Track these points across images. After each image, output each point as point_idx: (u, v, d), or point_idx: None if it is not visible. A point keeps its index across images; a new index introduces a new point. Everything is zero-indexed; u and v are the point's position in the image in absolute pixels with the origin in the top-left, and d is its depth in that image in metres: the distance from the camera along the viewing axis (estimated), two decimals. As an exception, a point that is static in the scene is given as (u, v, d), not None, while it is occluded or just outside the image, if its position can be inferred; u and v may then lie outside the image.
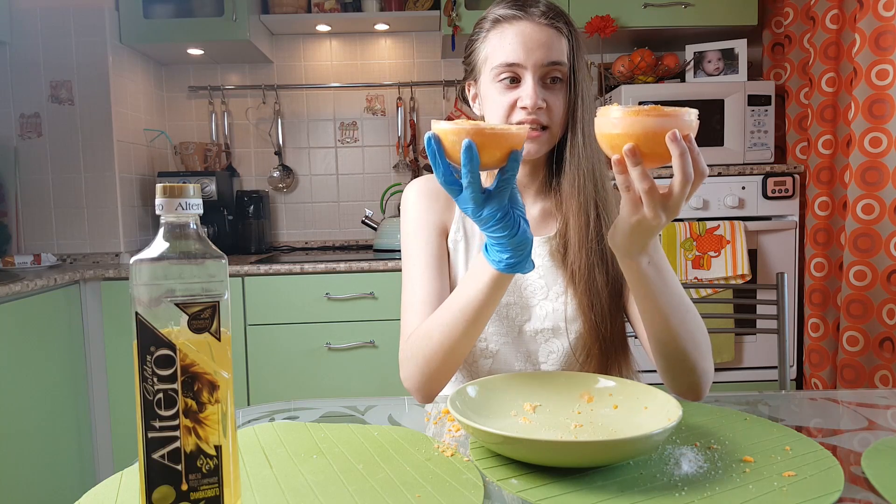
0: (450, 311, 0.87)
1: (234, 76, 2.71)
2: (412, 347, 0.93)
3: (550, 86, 0.94)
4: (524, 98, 0.92)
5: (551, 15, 0.93)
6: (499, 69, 0.94)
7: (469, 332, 0.87)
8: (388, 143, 2.75)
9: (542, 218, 1.05)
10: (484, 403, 0.78)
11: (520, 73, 0.93)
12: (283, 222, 2.77)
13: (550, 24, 0.93)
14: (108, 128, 2.28)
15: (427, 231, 1.03)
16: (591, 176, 0.95)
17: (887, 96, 1.86)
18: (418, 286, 1.00)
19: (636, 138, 0.65)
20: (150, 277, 0.50)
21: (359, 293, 2.13)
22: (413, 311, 0.99)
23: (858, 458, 0.67)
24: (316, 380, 2.14)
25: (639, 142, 0.65)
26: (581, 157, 0.95)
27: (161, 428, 0.51)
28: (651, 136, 0.65)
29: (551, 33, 0.93)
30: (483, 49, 0.97)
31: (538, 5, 0.94)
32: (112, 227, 2.31)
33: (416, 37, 2.72)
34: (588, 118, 0.95)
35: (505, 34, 0.93)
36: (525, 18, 0.93)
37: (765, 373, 2.21)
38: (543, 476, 0.64)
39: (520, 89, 0.94)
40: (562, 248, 0.98)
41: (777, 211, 2.22)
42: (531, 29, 0.92)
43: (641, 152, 0.65)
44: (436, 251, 1.02)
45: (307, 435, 0.75)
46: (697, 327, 0.85)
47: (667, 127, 0.64)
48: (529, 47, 0.92)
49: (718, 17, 2.36)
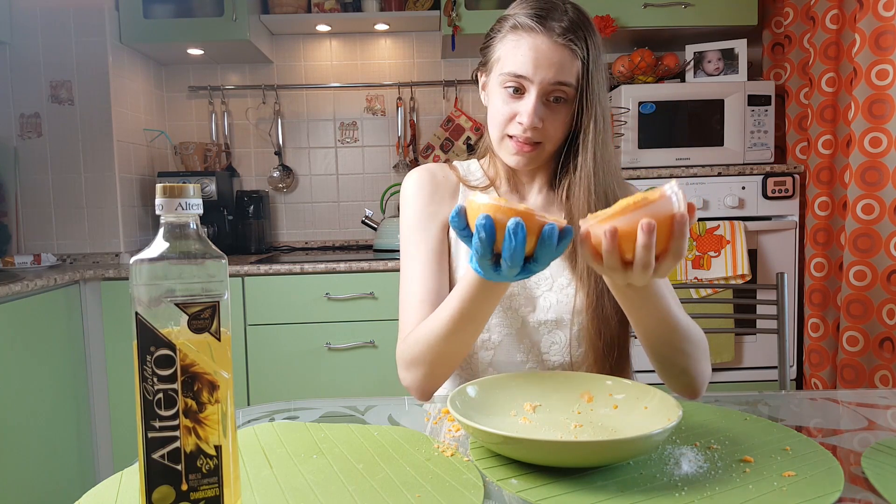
0: (441, 321, 0.87)
1: (234, 76, 2.71)
2: (409, 350, 0.94)
3: (552, 104, 0.94)
4: (523, 114, 0.93)
5: (571, 33, 0.91)
6: (506, 77, 0.93)
7: (464, 340, 0.88)
8: (388, 143, 2.75)
9: (546, 208, 1.05)
10: (484, 403, 0.78)
11: (525, 85, 0.93)
12: (283, 222, 2.77)
13: (567, 43, 0.91)
14: (108, 128, 2.28)
15: (427, 224, 1.03)
16: (602, 201, 0.95)
17: (887, 96, 1.86)
18: (417, 283, 1.00)
19: (621, 235, 0.66)
20: (150, 277, 0.50)
21: (359, 293, 2.13)
22: (411, 308, 0.99)
23: (858, 458, 0.67)
24: (316, 380, 2.14)
25: (622, 239, 0.66)
26: (591, 181, 0.95)
27: (161, 428, 0.51)
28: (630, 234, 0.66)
29: (565, 54, 0.91)
30: (498, 49, 0.96)
31: (561, 20, 0.92)
32: (112, 227, 2.31)
33: (416, 37, 2.72)
34: (603, 140, 0.94)
35: (520, 44, 0.92)
36: (542, 33, 0.91)
37: (765, 373, 2.21)
38: (543, 476, 0.64)
39: (521, 103, 0.94)
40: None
41: (777, 211, 2.22)
42: (546, 46, 0.91)
43: (621, 245, 0.66)
44: (436, 246, 1.02)
45: (307, 435, 0.75)
46: (687, 337, 0.86)
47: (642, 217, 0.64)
48: (540, 64, 0.91)
49: (718, 17, 2.36)
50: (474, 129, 2.67)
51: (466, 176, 1.08)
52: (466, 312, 0.84)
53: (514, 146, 0.96)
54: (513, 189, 1.06)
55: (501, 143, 0.98)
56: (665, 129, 2.26)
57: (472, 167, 1.10)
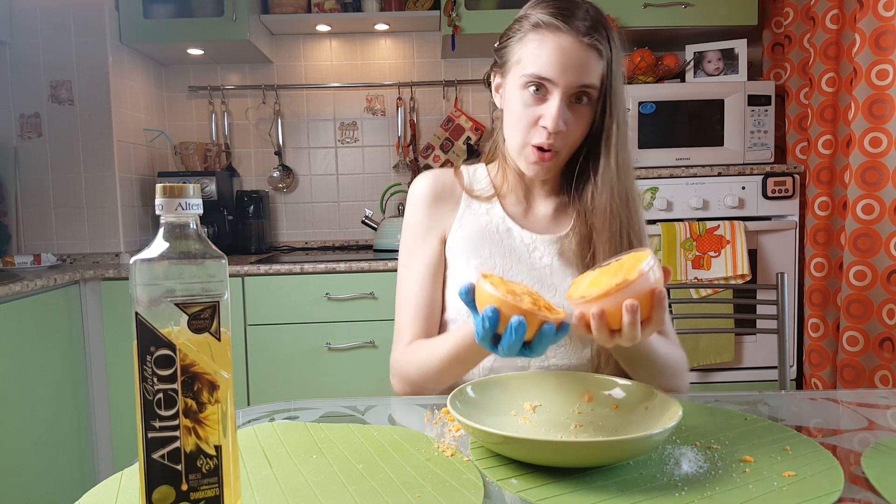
0: (435, 356, 0.93)
1: (234, 76, 2.71)
2: (402, 368, 0.99)
3: (575, 105, 0.92)
4: (547, 118, 0.90)
5: (594, 31, 0.89)
6: (529, 78, 0.90)
7: (456, 374, 0.94)
8: (388, 143, 2.75)
9: (555, 215, 1.05)
10: (484, 403, 0.78)
11: (549, 87, 0.90)
12: (283, 222, 2.77)
13: (592, 43, 0.88)
14: (108, 128, 2.28)
15: (426, 235, 1.04)
16: (624, 203, 0.94)
17: (887, 96, 1.86)
18: (413, 293, 1.03)
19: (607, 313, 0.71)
20: (150, 277, 0.50)
21: (359, 293, 2.13)
22: (406, 317, 1.02)
23: (858, 458, 0.67)
24: (316, 380, 2.14)
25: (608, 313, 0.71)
26: (615, 187, 0.94)
27: (161, 428, 0.51)
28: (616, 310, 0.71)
29: (591, 54, 0.89)
30: (518, 50, 0.93)
31: (583, 18, 0.89)
32: (112, 227, 2.31)
33: (416, 37, 2.72)
34: (622, 143, 0.93)
35: (544, 44, 0.89)
36: (567, 32, 0.88)
37: (765, 373, 2.21)
38: (543, 476, 0.64)
39: (544, 106, 0.91)
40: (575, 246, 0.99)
41: (777, 211, 2.21)
42: (571, 46, 0.88)
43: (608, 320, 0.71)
44: (433, 258, 1.04)
45: (307, 435, 0.75)
46: (666, 364, 0.93)
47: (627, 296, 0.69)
48: (566, 66, 0.88)
49: (718, 17, 2.36)
50: (474, 129, 2.67)
51: (471, 183, 1.07)
52: (461, 356, 0.89)
53: (534, 155, 0.94)
54: (519, 198, 1.05)
55: (522, 150, 0.96)
56: (665, 129, 2.26)
57: (478, 173, 1.09)
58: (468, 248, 1.02)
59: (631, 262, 0.72)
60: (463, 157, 2.66)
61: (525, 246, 1.02)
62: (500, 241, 1.02)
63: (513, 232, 1.02)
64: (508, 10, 2.34)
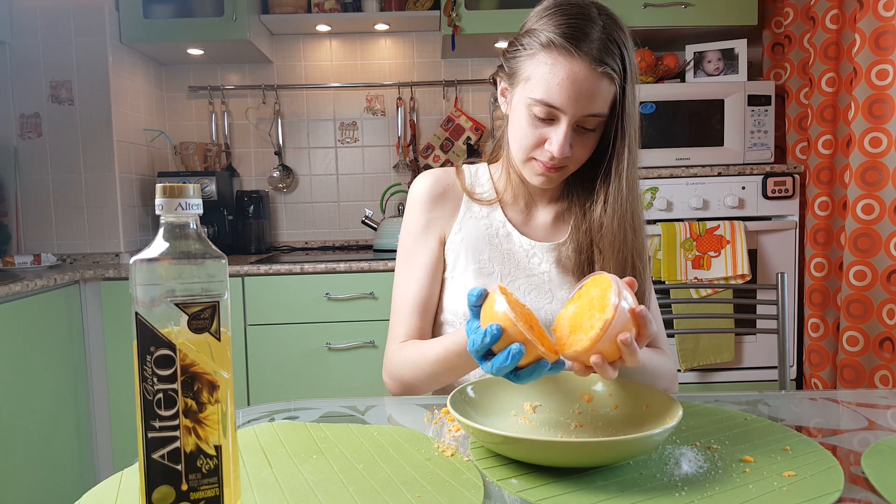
0: (427, 360, 0.93)
1: (234, 76, 2.71)
2: (395, 368, 0.99)
3: (582, 131, 0.90)
4: (553, 143, 0.89)
5: (608, 55, 0.85)
6: (535, 102, 0.88)
7: (448, 379, 0.94)
8: (388, 143, 2.75)
9: (554, 222, 1.05)
10: (484, 403, 0.78)
11: (557, 114, 0.88)
12: (283, 222, 2.77)
13: (605, 69, 0.85)
14: (108, 128, 2.28)
15: (425, 235, 1.04)
16: (631, 227, 0.93)
17: (887, 96, 1.86)
18: (409, 292, 1.03)
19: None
20: (149, 277, 0.50)
21: (359, 293, 2.13)
22: (402, 315, 1.03)
23: (858, 458, 0.67)
24: (316, 380, 2.14)
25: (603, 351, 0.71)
26: (626, 211, 0.93)
27: (161, 428, 0.51)
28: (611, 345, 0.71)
29: (603, 83, 0.86)
30: (528, 67, 0.90)
31: (596, 41, 0.85)
32: (112, 227, 2.31)
33: (416, 37, 2.72)
34: (633, 166, 0.92)
35: (555, 70, 0.86)
36: (580, 59, 0.85)
37: (765, 373, 2.21)
38: (543, 476, 0.64)
39: (551, 129, 0.89)
40: (571, 253, 0.99)
41: (777, 211, 2.21)
42: (584, 75, 0.85)
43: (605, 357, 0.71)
44: (431, 257, 1.04)
45: (307, 435, 0.75)
46: (656, 374, 0.96)
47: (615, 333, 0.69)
48: (576, 96, 0.86)
49: (718, 17, 2.36)
50: (474, 129, 2.66)
51: (473, 185, 1.07)
52: (449, 363, 0.91)
53: (540, 167, 0.93)
54: (521, 204, 1.05)
55: (526, 164, 0.95)
56: (665, 130, 2.26)
57: (480, 173, 1.08)
58: (467, 251, 1.02)
59: (597, 292, 0.72)
60: (463, 157, 2.66)
61: (524, 252, 1.02)
62: (500, 245, 1.02)
63: (512, 237, 1.02)
64: (508, 11, 2.34)
